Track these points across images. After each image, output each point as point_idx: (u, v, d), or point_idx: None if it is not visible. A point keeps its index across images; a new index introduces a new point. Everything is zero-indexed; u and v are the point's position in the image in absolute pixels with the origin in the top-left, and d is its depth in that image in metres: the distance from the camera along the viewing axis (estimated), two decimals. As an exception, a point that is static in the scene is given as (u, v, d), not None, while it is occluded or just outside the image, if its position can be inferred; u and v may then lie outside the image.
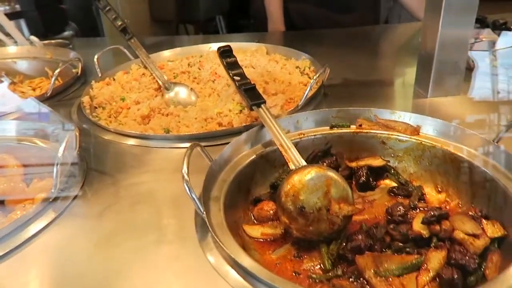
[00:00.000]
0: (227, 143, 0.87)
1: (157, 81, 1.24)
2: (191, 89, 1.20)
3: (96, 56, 1.25)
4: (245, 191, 0.77)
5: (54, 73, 1.11)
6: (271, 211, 0.74)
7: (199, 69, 1.32)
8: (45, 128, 0.93)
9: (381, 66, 1.38)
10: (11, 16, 1.58)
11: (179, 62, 1.36)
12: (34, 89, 1.29)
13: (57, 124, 0.90)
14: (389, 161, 0.82)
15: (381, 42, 1.77)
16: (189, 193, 0.59)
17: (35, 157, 0.91)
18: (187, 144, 0.89)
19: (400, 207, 0.70)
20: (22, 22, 1.80)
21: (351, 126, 0.86)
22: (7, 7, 1.75)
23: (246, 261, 0.55)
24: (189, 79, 1.29)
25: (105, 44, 2.06)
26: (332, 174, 0.67)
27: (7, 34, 1.52)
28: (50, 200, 0.69)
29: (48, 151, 0.89)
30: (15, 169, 0.87)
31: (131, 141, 0.94)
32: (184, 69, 1.32)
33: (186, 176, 0.60)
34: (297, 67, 1.23)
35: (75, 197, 0.72)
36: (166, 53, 1.42)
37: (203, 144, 0.73)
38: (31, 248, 0.63)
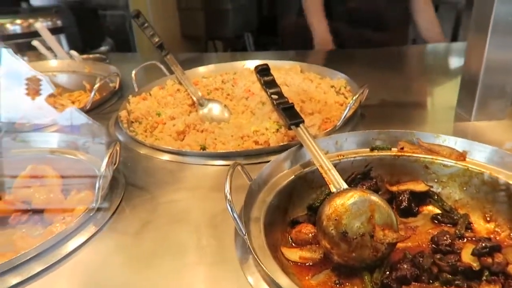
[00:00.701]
0: (264, 162, 0.87)
1: (191, 97, 1.25)
2: (225, 105, 1.20)
3: (134, 72, 1.27)
4: (283, 213, 0.75)
5: (94, 87, 1.14)
6: (310, 234, 0.72)
7: (233, 86, 1.32)
8: (84, 141, 0.94)
9: (417, 87, 1.35)
10: (52, 31, 1.64)
11: (213, 78, 1.37)
12: (73, 102, 1.32)
13: (97, 137, 0.91)
14: (432, 187, 0.79)
15: (413, 62, 1.75)
16: (231, 213, 0.58)
17: (74, 169, 0.92)
18: (223, 162, 0.90)
19: (447, 235, 0.67)
20: (62, 37, 1.87)
21: (392, 149, 0.84)
22: (50, 23, 1.82)
23: (290, 286, 0.53)
24: (222, 95, 1.29)
25: (138, 59, 2.11)
26: (376, 199, 0.65)
27: (49, 48, 1.58)
28: (91, 214, 0.70)
29: (86, 163, 0.90)
30: (54, 180, 0.88)
31: (166, 157, 0.95)
32: (218, 86, 1.33)
33: (229, 196, 0.59)
34: (332, 86, 1.22)
35: (115, 212, 0.72)
36: (201, 70, 1.44)
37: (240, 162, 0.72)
38: (69, 265, 0.63)
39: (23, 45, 1.76)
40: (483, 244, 0.61)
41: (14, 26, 1.82)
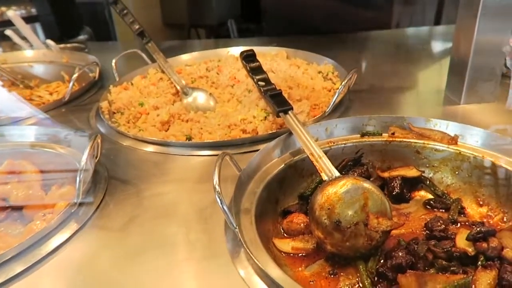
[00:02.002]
0: (252, 151, 0.85)
1: (175, 86, 1.21)
2: (210, 94, 1.17)
3: (114, 61, 1.23)
4: (273, 203, 0.73)
5: (72, 77, 1.09)
6: (302, 224, 0.70)
7: (218, 73, 1.29)
8: (63, 134, 0.90)
9: (404, 71, 1.34)
10: (27, 20, 1.57)
11: (197, 66, 1.33)
12: (51, 94, 1.26)
13: (76, 129, 0.87)
14: (424, 172, 0.78)
15: (399, 46, 1.73)
16: (221, 206, 0.56)
17: (53, 163, 0.88)
18: (210, 152, 0.87)
19: (440, 221, 0.66)
20: (38, 26, 1.79)
21: (383, 134, 0.82)
22: (23, 11, 1.74)
23: (284, 279, 0.51)
24: (207, 84, 1.26)
25: (118, 48, 2.04)
26: (369, 186, 0.63)
27: (23, 38, 1.51)
28: (72, 210, 0.66)
29: (67, 157, 0.86)
30: (33, 175, 0.84)
31: (151, 148, 0.91)
32: (202, 74, 1.29)
33: (218, 188, 0.56)
34: (319, 72, 1.19)
35: (98, 207, 0.69)
36: (184, 57, 1.40)
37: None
38: (52, 263, 0.60)
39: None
40: (478, 229, 0.60)
41: (-15, 15, 1.74)
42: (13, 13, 1.40)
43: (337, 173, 0.67)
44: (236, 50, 1.39)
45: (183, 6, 3.55)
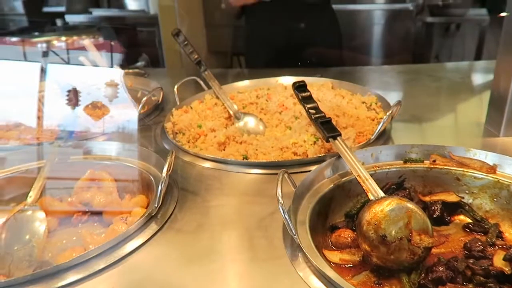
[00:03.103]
0: (302, 171, 0.94)
1: (228, 110, 1.33)
2: (260, 119, 1.28)
3: (176, 86, 1.37)
4: (323, 218, 0.81)
5: (142, 101, 1.24)
6: (349, 239, 0.78)
7: (267, 100, 1.40)
8: (134, 149, 1.03)
9: (444, 103, 1.41)
10: (96, 47, 1.76)
11: (248, 93, 1.46)
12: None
13: (145, 146, 1.00)
14: (463, 198, 0.84)
15: (439, 79, 1.79)
16: (283, 214, 0.65)
17: (127, 174, 1.00)
18: (264, 171, 0.98)
19: (479, 242, 0.72)
20: (103, 53, 1.99)
21: (425, 161, 0.89)
22: (92, 39, 1.95)
23: (339, 279, 0.59)
24: (257, 109, 1.37)
25: (171, 74, 2.23)
26: (412, 206, 0.71)
27: (93, 63, 1.70)
28: (152, 214, 0.77)
29: (138, 170, 0.98)
30: (110, 184, 0.97)
31: (208, 164, 1.03)
32: (253, 100, 1.41)
33: (281, 200, 0.66)
34: (363, 102, 1.28)
35: (172, 213, 0.80)
36: (236, 85, 1.52)
37: (279, 171, 0.79)
38: (129, 263, 0.69)
39: (68, 60, 1.88)
40: (515, 250, 0.66)
41: (60, 43, 1.96)
42: (88, 41, 1.59)
43: (382, 194, 0.76)
44: (284, 80, 1.51)
45: (227, 36, 3.78)
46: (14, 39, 1.92)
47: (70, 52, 1.90)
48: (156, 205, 0.76)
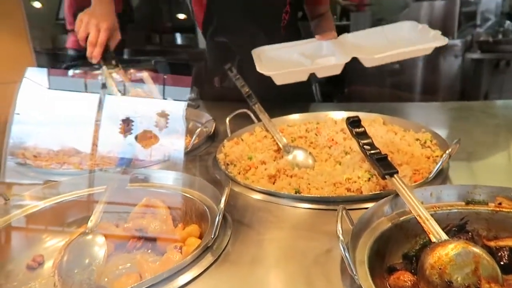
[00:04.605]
0: (357, 208, 0.93)
1: (277, 143, 1.34)
2: (309, 153, 1.28)
3: (228, 119, 1.41)
4: (381, 258, 0.78)
5: (196, 132, 1.28)
6: (409, 282, 0.74)
7: (316, 134, 1.41)
8: (188, 179, 1.06)
9: (503, 142, 1.34)
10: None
11: (298, 127, 1.47)
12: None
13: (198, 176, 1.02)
14: (534, 244, 0.79)
15: (494, 117, 1.72)
16: (344, 253, 0.64)
17: (180, 203, 1.03)
18: (317, 206, 0.96)
19: (556, 295, 0.67)
20: (157, 85, 2.10)
21: (489, 203, 0.85)
22: (148, 72, 2.06)
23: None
24: (306, 143, 1.37)
25: (221, 106, 2.29)
26: (479, 251, 0.68)
27: (149, 95, 1.78)
28: (207, 246, 0.78)
29: (192, 199, 1.00)
30: (165, 212, 0.99)
31: (259, 196, 1.03)
32: (302, 134, 1.42)
33: (341, 237, 0.64)
34: (417, 139, 1.26)
35: (227, 245, 0.80)
36: (286, 118, 1.54)
37: (332, 207, 0.78)
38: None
39: (125, 91, 1.99)
40: None
41: (118, 75, 2.08)
42: (146, 74, 1.68)
43: (445, 236, 0.72)
44: (334, 114, 1.51)
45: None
46: (77, 71, 2.06)
47: (128, 84, 2.01)
48: (212, 236, 0.77)
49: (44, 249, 0.94)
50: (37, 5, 4.75)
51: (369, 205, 0.85)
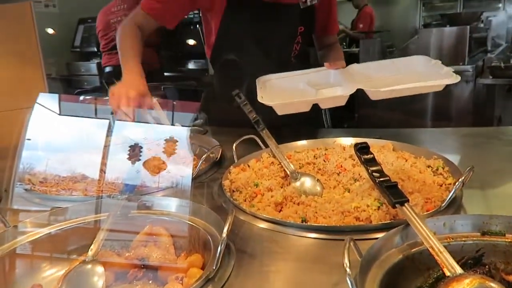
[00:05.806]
0: (366, 238, 0.89)
1: (284, 170, 1.31)
2: (317, 180, 1.25)
3: (234, 145, 1.39)
4: (391, 293, 0.74)
5: (202, 158, 1.26)
6: (423, 319, 0.70)
7: (324, 161, 1.38)
8: (192, 206, 1.03)
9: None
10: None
11: (305, 153, 1.44)
12: (178, 170, 1.45)
13: (207, 203, 1.00)
14: (556, 280, 0.74)
15: (508, 143, 1.68)
16: (352, 288, 0.60)
17: (184, 231, 1.00)
18: (324, 235, 0.93)
19: None
20: (166, 111, 2.11)
21: (507, 234, 0.81)
22: (157, 98, 2.08)
23: None
24: (314, 170, 1.34)
25: (228, 132, 2.28)
26: (498, 287, 0.63)
27: (157, 121, 1.79)
28: (210, 276, 0.75)
29: (195, 228, 0.98)
30: (167, 240, 0.97)
31: (264, 225, 1.00)
32: (310, 160, 1.39)
33: (348, 270, 0.61)
34: (428, 166, 1.22)
35: (229, 276, 0.77)
36: (293, 144, 1.52)
37: (340, 237, 0.74)
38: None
39: (134, 117, 2.00)
40: None
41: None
42: (155, 100, 1.69)
43: (460, 270, 0.68)
44: (342, 140, 1.49)
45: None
46: (88, 97, 2.09)
47: (137, 110, 2.02)
48: (214, 267, 0.74)
49: (43, 278, 0.92)
50: (50, 31, 4.90)
51: (379, 235, 0.81)
